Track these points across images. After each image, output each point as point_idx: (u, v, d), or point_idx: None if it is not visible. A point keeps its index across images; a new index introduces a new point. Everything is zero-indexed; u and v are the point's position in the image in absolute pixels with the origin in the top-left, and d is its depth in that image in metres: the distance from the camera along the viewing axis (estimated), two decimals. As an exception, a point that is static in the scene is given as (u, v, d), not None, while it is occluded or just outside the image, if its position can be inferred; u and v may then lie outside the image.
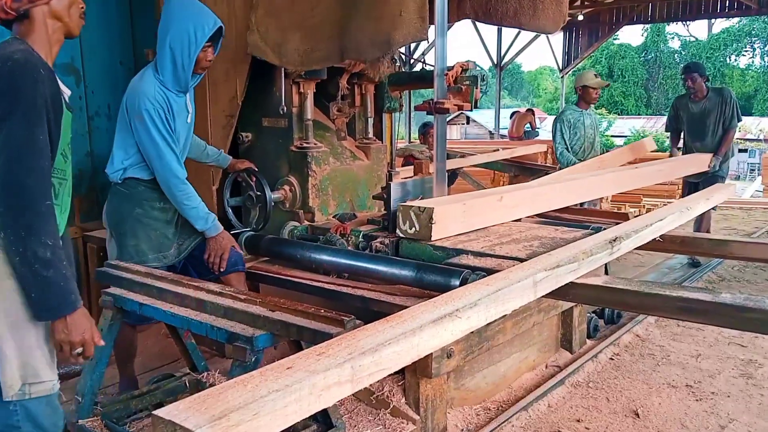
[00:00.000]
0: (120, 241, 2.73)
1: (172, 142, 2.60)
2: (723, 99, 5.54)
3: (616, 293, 2.20)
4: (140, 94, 2.55)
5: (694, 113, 5.64)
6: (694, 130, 5.66)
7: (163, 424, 1.12)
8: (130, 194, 2.70)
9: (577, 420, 2.79)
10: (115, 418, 2.43)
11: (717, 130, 5.56)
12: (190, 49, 2.57)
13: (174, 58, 2.58)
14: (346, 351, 1.40)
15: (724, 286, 5.13)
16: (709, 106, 5.55)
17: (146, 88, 2.57)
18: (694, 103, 5.63)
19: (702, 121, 5.58)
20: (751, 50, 31.93)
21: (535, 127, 13.25)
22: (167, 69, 2.60)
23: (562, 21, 3.90)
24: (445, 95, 3.08)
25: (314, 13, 3.12)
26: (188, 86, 2.70)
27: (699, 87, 5.55)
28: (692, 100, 5.64)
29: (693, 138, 5.71)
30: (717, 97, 5.56)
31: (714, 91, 5.65)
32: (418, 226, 2.64)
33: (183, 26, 2.54)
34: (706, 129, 5.58)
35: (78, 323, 1.72)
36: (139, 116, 2.53)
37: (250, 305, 2.12)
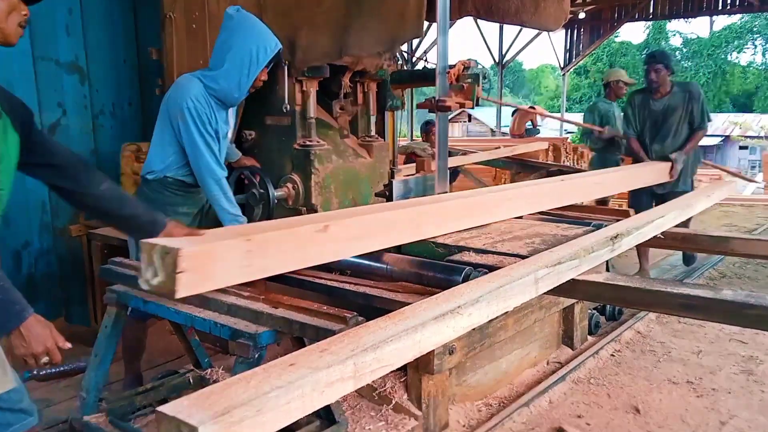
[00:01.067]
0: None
1: (212, 141, 2.60)
2: (691, 95, 4.76)
3: (618, 290, 2.20)
4: (184, 94, 2.55)
5: (655, 111, 4.83)
6: (655, 130, 4.86)
7: (168, 420, 1.13)
8: (155, 198, 2.71)
9: (578, 416, 2.81)
10: (120, 415, 2.45)
11: (681, 131, 4.79)
12: (250, 69, 2.57)
13: (231, 75, 2.57)
14: (349, 348, 1.41)
15: (725, 283, 5.14)
16: (673, 103, 4.77)
17: (191, 88, 2.57)
18: (656, 100, 4.84)
19: (665, 120, 4.81)
20: (752, 47, 31.84)
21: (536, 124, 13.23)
22: (221, 84, 2.60)
23: (564, 19, 3.91)
24: (447, 93, 3.09)
25: (320, 10, 3.13)
26: (238, 102, 2.72)
27: (663, 81, 4.77)
28: (653, 96, 4.84)
29: (652, 140, 4.87)
30: (683, 92, 4.79)
31: (679, 86, 4.88)
32: (162, 276, 1.59)
33: (246, 46, 2.54)
34: (668, 129, 4.80)
35: (34, 333, 1.61)
36: (181, 114, 2.54)
37: (253, 302, 2.14)
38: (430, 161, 3.48)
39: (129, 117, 4.50)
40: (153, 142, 2.70)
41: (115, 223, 2.15)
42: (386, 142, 3.92)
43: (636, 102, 4.96)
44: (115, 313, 2.51)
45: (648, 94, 4.89)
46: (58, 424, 2.79)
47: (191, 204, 2.77)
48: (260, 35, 2.58)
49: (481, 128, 29.59)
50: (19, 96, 1.89)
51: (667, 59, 4.79)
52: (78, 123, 4.18)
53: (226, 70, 2.57)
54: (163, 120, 2.64)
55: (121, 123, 4.45)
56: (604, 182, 3.93)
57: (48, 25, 3.96)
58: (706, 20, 33.75)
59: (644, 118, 4.89)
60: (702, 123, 4.81)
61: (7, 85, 3.99)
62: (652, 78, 4.76)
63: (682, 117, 4.77)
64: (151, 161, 2.69)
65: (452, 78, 3.12)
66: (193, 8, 3.64)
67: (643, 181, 4.48)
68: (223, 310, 2.15)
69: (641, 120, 4.91)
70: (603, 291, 2.26)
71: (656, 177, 4.58)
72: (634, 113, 4.95)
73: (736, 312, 1.98)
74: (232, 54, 2.55)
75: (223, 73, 2.58)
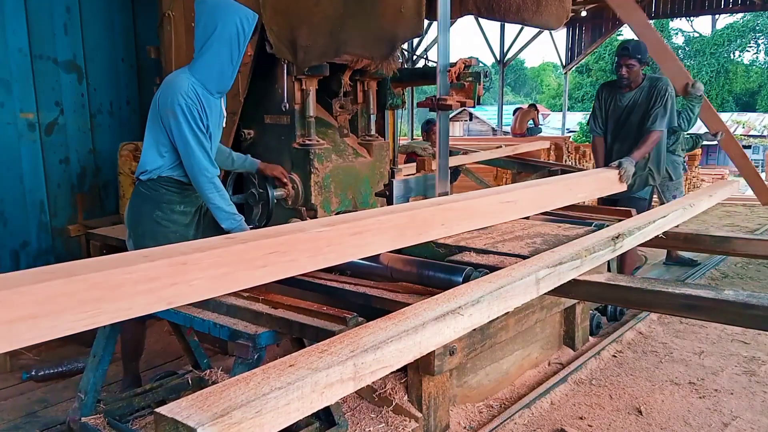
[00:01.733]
0: (137, 242, 2.71)
1: (204, 139, 2.58)
2: (657, 91, 4.21)
3: (619, 290, 2.19)
4: (174, 91, 2.53)
5: (619, 107, 4.36)
6: (617, 127, 4.39)
7: (166, 421, 1.12)
8: (151, 196, 2.69)
9: (580, 417, 2.79)
10: (118, 416, 2.44)
11: (642, 130, 4.26)
12: (239, 41, 2.57)
13: (222, 54, 2.56)
14: (349, 348, 1.40)
15: (727, 283, 5.13)
16: (639, 99, 4.27)
17: (180, 84, 2.54)
18: (623, 94, 4.34)
19: (627, 117, 4.34)
20: (755, 46, 31.81)
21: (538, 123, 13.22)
22: (213, 68, 2.58)
23: (565, 17, 3.89)
24: (448, 92, 3.08)
25: (317, 9, 3.12)
26: (230, 84, 2.69)
27: (635, 77, 4.27)
28: (622, 90, 4.35)
29: (614, 138, 4.41)
30: (651, 88, 4.27)
31: (650, 80, 4.33)
32: None
33: (230, 20, 2.53)
34: (630, 128, 4.30)
35: None
36: (172, 112, 2.52)
37: (253, 303, 2.13)
38: (431, 160, 3.47)
39: (127, 116, 4.49)
40: (145, 142, 2.68)
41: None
42: (386, 141, 3.90)
43: (603, 96, 4.47)
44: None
45: (616, 88, 4.41)
46: (56, 425, 2.78)
47: (188, 202, 2.75)
48: (239, 9, 2.58)
49: (483, 127, 29.60)
50: (17, 94, 1.87)
51: (641, 52, 4.25)
52: (76, 122, 4.18)
53: (214, 52, 2.56)
54: (155, 120, 2.62)
55: (119, 122, 4.44)
56: (520, 200, 2.98)
57: (46, 23, 3.96)
58: (708, 19, 33.70)
59: (608, 115, 4.43)
60: (653, 124, 4.19)
61: (5, 84, 4.01)
62: (623, 73, 4.26)
63: (643, 114, 4.27)
64: (144, 162, 2.67)
65: (453, 76, 3.11)
66: (191, 6, 3.61)
67: (581, 195, 3.55)
68: (222, 310, 2.14)
69: (606, 116, 4.45)
70: (604, 291, 2.24)
71: (600, 188, 3.81)
72: (601, 108, 4.47)
73: (738, 312, 1.96)
74: (218, 33, 2.54)
75: (212, 55, 2.56)
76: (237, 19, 2.55)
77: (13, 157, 3.88)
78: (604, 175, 3.89)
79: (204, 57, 2.58)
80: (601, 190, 3.86)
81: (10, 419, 2.88)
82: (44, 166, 4.04)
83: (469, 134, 28.83)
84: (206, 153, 2.59)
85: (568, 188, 3.40)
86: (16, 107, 3.82)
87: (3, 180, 3.85)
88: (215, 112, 2.68)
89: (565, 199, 3.34)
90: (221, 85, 2.64)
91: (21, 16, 3.81)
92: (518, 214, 3.02)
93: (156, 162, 2.64)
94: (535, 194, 3.14)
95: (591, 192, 3.75)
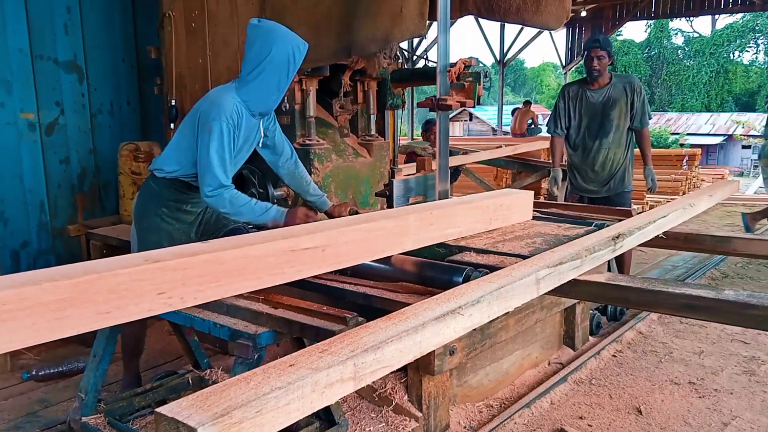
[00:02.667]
0: (141, 236, 2.75)
1: (228, 161, 2.57)
2: (633, 88, 4.34)
3: (619, 290, 2.19)
4: (218, 108, 2.55)
5: (593, 104, 4.37)
6: (596, 125, 4.39)
7: (166, 421, 1.12)
8: (159, 192, 2.72)
9: (580, 417, 2.79)
10: (118, 416, 2.44)
11: (622, 126, 4.37)
12: (289, 68, 2.61)
13: (270, 79, 2.60)
14: (349, 348, 1.40)
15: (727, 283, 5.13)
16: (614, 95, 4.33)
17: (226, 105, 2.56)
18: (594, 91, 4.38)
19: (605, 114, 4.35)
20: (754, 46, 31.83)
21: (537, 123, 13.24)
22: (261, 90, 2.62)
23: (565, 17, 3.89)
24: (448, 92, 3.08)
25: (318, 9, 3.12)
26: (274, 108, 2.73)
27: (604, 69, 4.32)
28: (591, 87, 4.39)
29: (591, 135, 4.42)
30: (623, 84, 4.36)
31: (619, 77, 4.44)
32: None
33: (284, 48, 2.58)
34: (610, 123, 4.35)
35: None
36: (209, 127, 2.53)
37: (253, 303, 2.13)
38: (431, 160, 3.47)
39: (127, 116, 4.50)
40: (171, 143, 2.71)
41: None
42: (386, 141, 3.91)
43: (570, 95, 4.48)
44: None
45: (584, 86, 4.44)
46: (56, 425, 2.78)
47: (195, 203, 2.78)
48: (293, 37, 2.63)
49: (483, 127, 29.59)
50: (17, 94, 1.88)
51: (610, 46, 4.36)
52: (76, 122, 4.18)
53: (265, 77, 2.59)
54: (190, 127, 2.63)
55: (120, 122, 4.44)
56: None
57: (46, 23, 3.96)
58: (708, 19, 33.69)
59: (580, 113, 4.44)
60: (645, 120, 4.41)
61: (5, 84, 4.01)
62: (594, 65, 4.29)
63: (623, 111, 4.35)
64: (163, 161, 2.70)
65: (453, 76, 3.10)
66: (192, 7, 3.63)
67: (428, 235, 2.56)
68: (222, 310, 2.14)
69: (577, 115, 4.46)
70: (604, 291, 2.24)
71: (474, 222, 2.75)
72: (567, 108, 4.48)
73: (737, 312, 1.96)
74: (270, 58, 2.57)
75: (262, 80, 2.60)
76: (290, 47, 2.59)
77: (13, 157, 3.89)
78: (500, 201, 2.90)
79: (253, 80, 2.61)
80: (495, 222, 2.87)
81: (10, 419, 2.88)
82: (44, 166, 4.04)
83: (469, 134, 28.83)
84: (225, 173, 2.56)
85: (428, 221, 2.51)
86: (16, 107, 3.83)
87: (3, 180, 3.85)
88: (252, 133, 2.71)
89: (420, 238, 2.49)
90: (265, 108, 2.69)
91: (21, 16, 3.81)
92: (313, 270, 2.15)
93: (171, 166, 2.67)
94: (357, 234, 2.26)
95: (462, 230, 2.70)
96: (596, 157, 4.46)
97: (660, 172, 7.64)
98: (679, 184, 9.87)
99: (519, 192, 3.18)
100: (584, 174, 4.56)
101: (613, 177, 4.48)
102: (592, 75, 4.36)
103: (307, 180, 3.01)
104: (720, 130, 27.89)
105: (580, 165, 4.55)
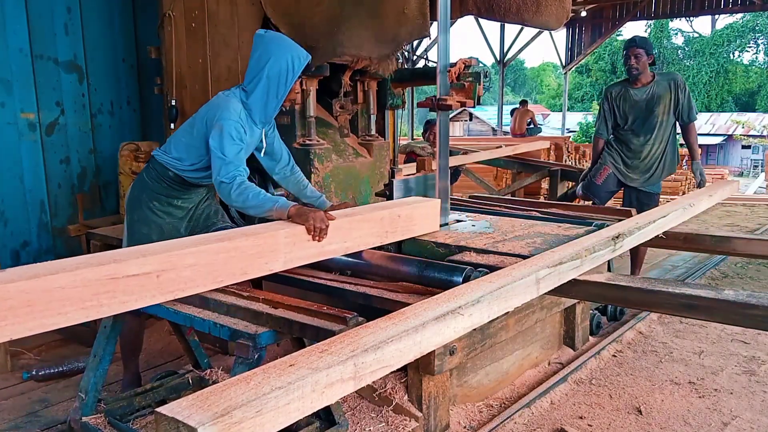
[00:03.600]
0: (131, 227, 2.77)
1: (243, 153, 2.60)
2: (677, 84, 4.39)
3: (619, 290, 2.19)
4: (225, 108, 2.59)
5: (638, 101, 4.42)
6: (640, 122, 4.45)
7: (167, 421, 1.12)
8: (152, 186, 2.75)
9: (580, 417, 2.79)
10: (118, 415, 2.44)
11: (667, 122, 4.42)
12: (287, 77, 2.64)
13: (269, 87, 2.63)
14: (349, 348, 1.40)
15: (727, 283, 5.12)
16: (658, 92, 4.37)
17: (233, 106, 2.61)
18: (637, 89, 4.43)
19: (650, 110, 4.39)
20: (754, 46, 31.84)
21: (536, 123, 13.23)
22: (260, 99, 2.65)
23: (565, 17, 3.89)
24: (448, 92, 3.07)
25: (318, 10, 3.12)
26: (272, 117, 2.75)
27: (643, 68, 4.37)
28: (633, 85, 4.45)
29: (637, 132, 4.47)
30: (667, 81, 4.41)
31: (662, 75, 4.50)
32: None
33: (283, 56, 2.62)
34: (654, 120, 4.39)
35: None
36: (219, 125, 2.55)
37: (253, 302, 2.13)
38: (431, 160, 3.47)
39: (128, 116, 4.50)
40: (179, 137, 2.73)
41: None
42: (386, 141, 3.91)
43: (613, 95, 4.52)
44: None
45: (627, 85, 4.49)
46: (56, 424, 2.78)
47: (187, 199, 2.80)
48: (294, 47, 2.67)
49: (483, 127, 29.61)
50: (17, 94, 1.88)
51: (647, 45, 4.40)
52: (76, 122, 4.19)
53: (263, 84, 2.63)
54: (196, 126, 2.66)
55: (120, 122, 4.45)
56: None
57: (47, 23, 3.96)
58: (707, 19, 33.71)
59: (625, 112, 4.48)
60: (692, 114, 4.45)
61: (6, 84, 4.02)
62: (632, 63, 4.35)
63: (667, 107, 4.39)
64: (168, 147, 2.74)
65: (453, 76, 3.10)
66: (192, 7, 3.63)
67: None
68: (222, 310, 2.14)
69: (622, 114, 4.50)
70: (605, 291, 2.25)
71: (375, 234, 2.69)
72: (612, 109, 4.53)
73: (737, 312, 1.97)
74: (270, 65, 2.61)
75: (261, 87, 2.64)
76: (289, 56, 2.62)
77: (13, 157, 3.89)
78: (398, 212, 2.73)
79: (254, 89, 2.65)
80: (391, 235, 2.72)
81: (10, 419, 2.88)
82: (45, 166, 4.04)
83: (469, 134, 28.84)
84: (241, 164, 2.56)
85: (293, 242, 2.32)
86: (16, 107, 3.83)
87: (4, 180, 3.86)
88: (254, 139, 2.73)
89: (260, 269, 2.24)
90: (265, 116, 2.71)
91: (22, 17, 3.82)
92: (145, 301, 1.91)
93: (181, 154, 2.68)
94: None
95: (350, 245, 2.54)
96: (639, 153, 4.51)
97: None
98: (678, 184, 9.88)
99: (424, 200, 2.97)
100: (622, 166, 4.58)
101: (649, 170, 4.52)
102: (631, 74, 4.40)
103: (304, 183, 3.03)
104: (720, 130, 27.90)
105: (621, 157, 4.59)
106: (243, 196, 2.48)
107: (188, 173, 2.72)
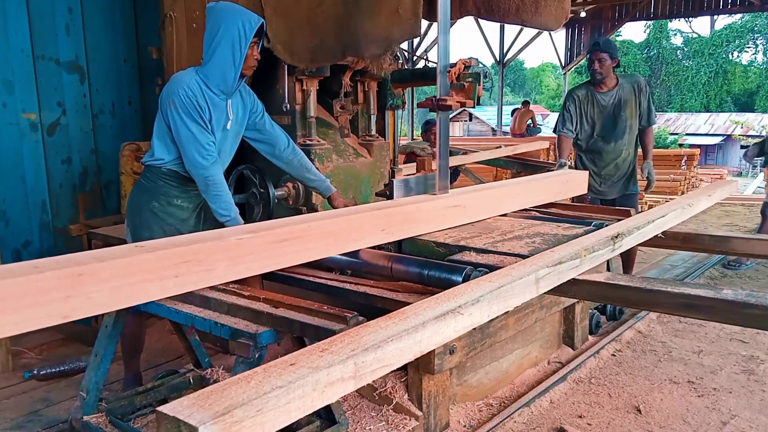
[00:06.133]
0: (134, 232, 2.77)
1: (199, 133, 2.61)
2: (639, 87, 4.37)
3: (618, 290, 2.20)
4: (177, 84, 2.62)
5: (604, 106, 4.38)
6: (609, 127, 4.39)
7: (168, 420, 1.12)
8: (149, 187, 2.75)
9: (579, 416, 2.80)
10: (120, 414, 2.45)
11: (634, 126, 4.41)
12: (241, 43, 2.64)
13: (224, 56, 2.64)
14: (349, 347, 1.41)
15: (726, 283, 5.14)
16: (624, 96, 4.34)
17: (183, 78, 2.63)
18: (603, 93, 4.38)
19: (617, 115, 4.36)
20: (753, 46, 31.82)
21: (536, 123, 13.24)
22: (217, 68, 2.65)
23: (565, 18, 3.90)
24: (448, 92, 3.08)
25: (320, 10, 3.13)
26: (234, 86, 2.73)
27: (607, 72, 4.31)
28: (599, 90, 4.39)
29: (607, 139, 4.42)
30: (630, 84, 4.38)
31: (625, 77, 4.45)
32: None
33: (233, 22, 2.63)
34: (623, 124, 4.37)
35: None
36: (172, 102, 2.59)
37: (254, 302, 2.13)
38: (431, 160, 3.47)
39: (129, 116, 4.51)
40: (154, 135, 2.75)
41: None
42: (387, 142, 3.91)
43: (579, 98, 4.45)
44: (116, 313, 2.50)
45: (591, 90, 4.43)
46: (58, 424, 2.79)
47: (186, 198, 2.78)
48: (244, 12, 2.68)
49: (482, 127, 29.59)
50: (19, 95, 1.89)
51: (611, 48, 4.34)
52: (78, 122, 4.20)
53: (218, 53, 2.64)
54: (161, 114, 2.68)
55: (121, 122, 4.46)
56: (468, 205, 2.95)
57: (48, 24, 3.97)
58: (707, 19, 33.72)
59: (593, 118, 4.43)
60: (652, 118, 4.45)
61: (7, 84, 4.02)
62: (596, 68, 4.30)
63: (633, 111, 4.37)
64: (152, 151, 2.76)
65: (453, 77, 3.11)
66: (193, 7, 3.63)
67: (540, 197, 3.46)
68: (223, 309, 2.14)
69: (589, 120, 4.45)
70: (604, 291, 2.25)
71: (562, 191, 3.64)
72: (577, 111, 4.45)
73: (736, 311, 1.97)
74: (221, 35, 2.62)
75: (216, 56, 2.64)
76: (239, 22, 2.63)
77: (15, 157, 3.90)
78: (564, 178, 3.69)
79: (210, 59, 2.66)
80: (564, 193, 3.65)
81: (12, 418, 2.89)
82: (46, 166, 4.05)
83: (469, 134, 28.82)
84: (201, 147, 2.60)
85: (526, 191, 3.35)
86: (18, 107, 3.84)
87: (5, 180, 3.86)
88: (219, 112, 2.71)
89: (520, 202, 3.28)
90: (224, 85, 2.69)
91: (23, 17, 3.82)
92: (466, 219, 2.92)
93: (162, 152, 2.70)
94: (484, 198, 3.07)
95: (552, 195, 3.52)
96: (610, 160, 4.47)
97: (659, 172, 7.66)
98: (677, 184, 9.87)
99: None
100: (596, 177, 4.53)
101: (624, 177, 4.52)
102: (595, 78, 4.36)
103: (308, 166, 3.05)
104: (719, 130, 27.89)
105: (593, 168, 4.52)
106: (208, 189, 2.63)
107: (180, 167, 2.72)
